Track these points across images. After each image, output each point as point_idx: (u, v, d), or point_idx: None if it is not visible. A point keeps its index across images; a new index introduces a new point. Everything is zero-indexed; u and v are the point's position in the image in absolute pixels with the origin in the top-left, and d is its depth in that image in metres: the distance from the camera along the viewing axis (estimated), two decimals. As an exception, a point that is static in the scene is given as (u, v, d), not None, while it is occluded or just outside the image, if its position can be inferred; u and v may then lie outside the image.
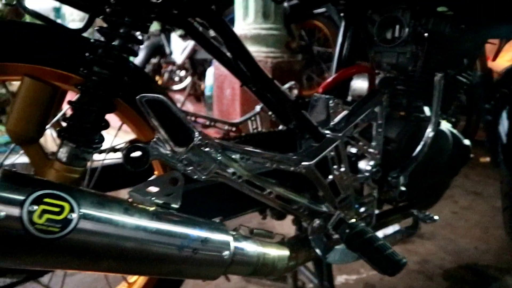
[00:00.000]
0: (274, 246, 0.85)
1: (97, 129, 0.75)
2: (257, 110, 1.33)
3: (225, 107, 2.46)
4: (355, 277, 1.64)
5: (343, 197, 0.96)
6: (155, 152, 0.72)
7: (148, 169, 0.95)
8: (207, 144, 0.76)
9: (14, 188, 0.54)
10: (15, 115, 0.70)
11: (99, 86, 0.73)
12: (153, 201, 0.69)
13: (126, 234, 0.61)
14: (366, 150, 0.98)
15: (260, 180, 0.83)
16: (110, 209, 0.61)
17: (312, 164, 0.88)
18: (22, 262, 0.56)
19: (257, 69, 0.94)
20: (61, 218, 0.55)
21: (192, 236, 0.68)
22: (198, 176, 0.75)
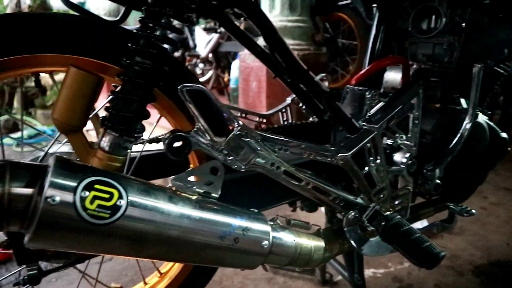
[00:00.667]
0: (310, 237, 0.85)
1: (139, 118, 0.76)
2: (288, 102, 1.33)
3: (251, 99, 2.46)
4: (383, 271, 1.63)
5: (378, 189, 0.95)
6: (196, 142, 0.73)
7: (184, 160, 0.96)
8: (247, 134, 0.76)
9: (67, 174, 0.55)
10: (61, 104, 0.72)
11: (141, 76, 0.74)
12: (195, 190, 0.70)
13: (171, 222, 0.62)
14: (402, 142, 0.97)
15: (297, 171, 0.83)
16: (156, 196, 0.62)
17: (349, 156, 0.88)
18: (73, 246, 0.58)
19: (293, 60, 0.94)
20: (111, 205, 0.57)
21: (233, 225, 0.69)
22: (238, 166, 0.76)
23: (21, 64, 0.73)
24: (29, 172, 0.54)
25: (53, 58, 0.74)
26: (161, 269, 1.02)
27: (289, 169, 0.81)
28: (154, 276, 1.03)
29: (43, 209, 0.52)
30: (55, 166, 0.55)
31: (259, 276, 1.60)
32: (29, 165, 0.56)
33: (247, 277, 1.59)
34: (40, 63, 0.75)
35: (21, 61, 0.72)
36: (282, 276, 1.59)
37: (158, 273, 1.02)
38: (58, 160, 0.56)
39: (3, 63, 0.70)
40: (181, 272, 0.98)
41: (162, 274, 1.01)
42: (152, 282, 1.01)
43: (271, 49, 0.92)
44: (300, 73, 0.96)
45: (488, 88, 1.17)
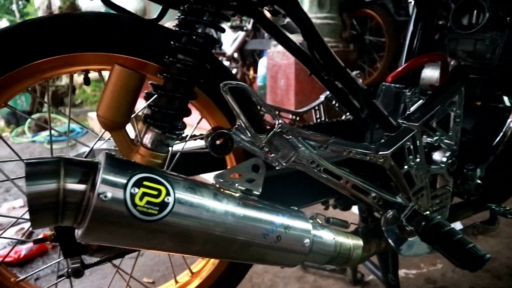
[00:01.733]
0: (349, 236, 0.84)
1: (180, 116, 0.77)
2: (321, 100, 1.32)
3: (279, 97, 2.45)
4: (415, 272, 1.60)
5: (418, 189, 0.93)
6: (238, 139, 0.73)
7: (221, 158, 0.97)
8: (288, 131, 0.76)
9: (117, 171, 0.56)
10: (106, 102, 0.73)
11: (183, 73, 0.74)
12: (237, 187, 0.70)
13: (216, 219, 0.62)
14: (442, 141, 0.94)
15: (337, 169, 0.82)
16: (201, 193, 0.62)
17: (389, 154, 0.86)
18: (123, 241, 0.59)
19: (331, 57, 0.93)
20: (159, 201, 0.57)
21: (276, 223, 0.69)
22: (278, 164, 0.75)
23: (68, 62, 0.75)
24: (81, 168, 0.56)
25: (96, 56, 0.76)
26: (193, 268, 1.03)
27: (328, 167, 0.80)
28: (185, 275, 1.04)
29: (95, 205, 0.53)
30: (105, 163, 0.56)
31: (289, 274, 1.59)
32: (81, 162, 0.57)
33: (277, 275, 1.59)
34: (84, 61, 0.77)
35: (68, 60, 0.74)
36: (312, 275, 1.58)
37: (190, 272, 1.03)
38: (108, 157, 0.57)
39: (52, 62, 0.72)
40: (214, 271, 0.99)
41: (193, 274, 1.02)
42: (183, 281, 1.02)
43: (310, 46, 0.91)
44: (337, 70, 0.95)
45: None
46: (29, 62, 0.71)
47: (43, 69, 0.73)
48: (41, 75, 0.75)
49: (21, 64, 0.70)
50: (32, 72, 0.73)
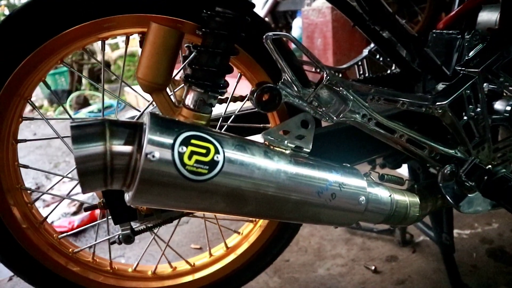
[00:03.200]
0: (405, 194, 0.80)
1: (222, 73, 0.73)
2: (365, 54, 1.24)
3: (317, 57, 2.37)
4: (469, 232, 1.53)
5: (478, 141, 0.86)
6: (286, 94, 0.69)
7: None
8: (337, 83, 0.70)
9: (163, 130, 0.54)
10: (145, 63, 0.70)
11: (223, 27, 0.70)
12: (287, 144, 0.67)
13: (268, 177, 0.59)
14: (506, 88, 0.86)
15: (390, 123, 0.76)
16: (251, 151, 0.59)
17: (447, 104, 0.79)
18: (173, 203, 0.57)
19: (379, 4, 0.86)
20: (208, 160, 0.55)
21: (330, 180, 0.65)
22: (329, 118, 0.71)
23: (97, 28, 0.72)
24: (126, 129, 0.53)
25: (128, 19, 0.73)
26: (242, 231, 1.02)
27: (382, 120, 0.75)
28: (234, 238, 1.03)
29: (144, 166, 0.51)
30: (151, 122, 0.53)
31: (336, 237, 1.57)
32: (126, 123, 0.55)
33: (324, 238, 1.57)
34: (119, 25, 0.74)
35: (96, 26, 0.71)
36: (360, 237, 1.55)
37: (238, 234, 1.02)
38: (153, 116, 0.55)
39: (84, 28, 0.70)
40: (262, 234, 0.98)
41: (243, 236, 1.01)
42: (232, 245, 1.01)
43: (355, -8, 0.84)
44: (386, 18, 0.88)
45: None
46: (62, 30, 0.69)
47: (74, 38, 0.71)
48: (73, 44, 0.73)
49: (50, 36, 0.68)
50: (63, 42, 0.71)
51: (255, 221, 0.98)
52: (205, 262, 0.99)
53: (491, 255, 1.40)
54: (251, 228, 1.00)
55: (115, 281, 0.90)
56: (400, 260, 1.41)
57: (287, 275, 1.39)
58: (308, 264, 1.44)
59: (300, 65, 0.82)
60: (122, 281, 0.91)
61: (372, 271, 1.36)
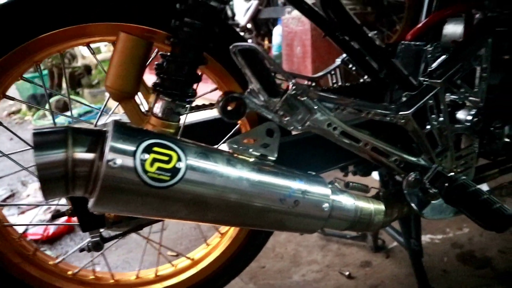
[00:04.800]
0: (370, 201, 0.82)
1: (190, 82, 0.74)
2: (338, 63, 1.27)
3: (296, 65, 2.40)
4: (441, 237, 1.57)
5: (441, 149, 0.89)
6: (251, 103, 0.70)
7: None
8: (303, 93, 0.72)
9: (126, 138, 0.55)
10: (113, 71, 0.71)
11: (191, 37, 0.71)
12: (251, 152, 0.68)
13: (230, 184, 0.61)
14: (467, 98, 0.90)
15: (355, 131, 0.79)
16: (214, 159, 0.60)
17: (410, 114, 0.82)
18: (135, 210, 0.58)
19: (346, 15, 0.89)
20: (170, 167, 0.56)
21: (293, 188, 0.67)
22: (294, 127, 0.73)
23: (71, 35, 0.73)
24: (89, 137, 0.54)
25: (101, 27, 0.74)
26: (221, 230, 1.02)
27: (347, 129, 0.77)
28: (215, 237, 1.04)
29: (105, 173, 0.52)
30: (114, 130, 0.54)
31: (312, 243, 1.59)
32: (89, 130, 0.56)
33: (301, 244, 1.59)
34: (89, 33, 0.75)
35: (71, 32, 0.72)
36: (335, 243, 1.57)
37: (219, 233, 1.03)
38: (116, 124, 0.56)
39: (55, 36, 0.70)
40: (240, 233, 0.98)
41: (222, 234, 1.01)
42: (214, 243, 1.02)
43: (323, 5, 0.86)
44: (353, 29, 0.90)
45: None
46: (34, 36, 0.69)
47: (49, 43, 0.72)
48: (48, 49, 0.74)
49: (26, 39, 0.69)
50: (39, 46, 0.71)
51: (223, 232, 0.99)
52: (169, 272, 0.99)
53: (461, 259, 1.44)
54: (219, 240, 1.01)
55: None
56: (374, 266, 1.44)
57: (262, 282, 1.40)
58: (284, 271, 1.45)
59: (270, 74, 0.84)
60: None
61: (346, 276, 1.38)
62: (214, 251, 1.00)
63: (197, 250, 1.03)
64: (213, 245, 1.00)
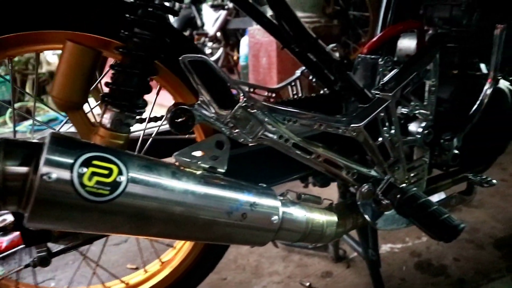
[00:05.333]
0: (322, 212, 0.82)
1: (140, 93, 0.73)
2: (297, 75, 1.28)
3: (262, 76, 2.41)
4: (400, 246, 1.60)
5: (393, 161, 0.91)
6: (199, 115, 0.70)
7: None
8: (253, 105, 0.72)
9: (64, 151, 0.53)
10: (59, 81, 0.69)
11: (141, 48, 0.70)
12: (199, 165, 0.67)
13: (175, 198, 0.59)
14: (418, 111, 0.92)
15: (307, 144, 0.79)
16: (158, 172, 0.59)
17: (362, 126, 0.83)
18: (74, 225, 0.56)
19: (301, 28, 0.90)
20: (110, 181, 0.54)
21: (240, 200, 0.66)
22: (244, 140, 0.72)
23: (21, 41, 0.70)
24: (24, 150, 0.52)
25: (52, 34, 0.72)
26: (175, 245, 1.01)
27: (298, 142, 0.77)
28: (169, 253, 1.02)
29: (39, 187, 0.50)
30: (50, 142, 0.52)
31: (274, 254, 1.58)
32: (24, 143, 0.54)
33: (263, 255, 1.58)
34: (40, 40, 0.72)
35: (20, 39, 0.70)
36: (297, 254, 1.57)
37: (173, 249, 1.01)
38: (54, 136, 0.54)
39: (11, 39, 0.68)
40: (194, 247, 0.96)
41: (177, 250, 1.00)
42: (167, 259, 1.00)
43: (278, 17, 0.87)
44: (309, 42, 0.92)
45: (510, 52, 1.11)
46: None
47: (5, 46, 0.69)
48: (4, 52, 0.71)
49: None
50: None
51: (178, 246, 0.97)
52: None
53: (419, 268, 1.47)
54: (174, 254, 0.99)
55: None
56: (335, 276, 1.44)
57: (223, 294, 1.38)
58: (245, 282, 1.44)
59: (223, 85, 0.84)
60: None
61: (306, 287, 1.38)
62: (167, 266, 0.98)
63: (151, 264, 1.01)
64: (167, 260, 0.98)
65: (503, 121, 1.06)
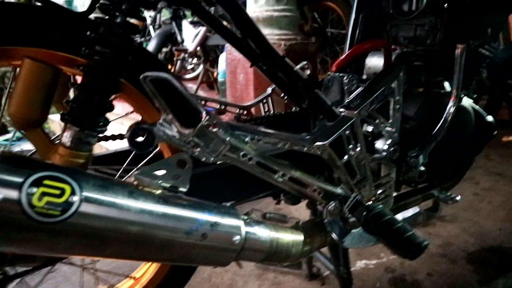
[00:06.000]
0: (288, 231, 0.82)
1: (102, 111, 0.72)
2: (269, 92, 1.29)
3: (239, 92, 2.42)
4: (375, 262, 1.60)
5: (360, 178, 0.92)
6: (161, 134, 0.69)
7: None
8: (216, 124, 0.72)
9: (13, 170, 0.51)
10: (17, 98, 0.68)
11: (102, 66, 0.70)
12: (160, 184, 0.67)
13: (131, 218, 0.58)
14: (383, 128, 0.93)
15: (272, 162, 0.79)
16: (114, 192, 0.58)
17: (327, 144, 0.84)
18: (22, 247, 0.54)
19: (268, 47, 0.90)
20: (61, 201, 0.53)
21: (200, 220, 0.65)
22: (206, 158, 0.72)
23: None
24: (-30, 169, 0.51)
25: (11, 51, 0.70)
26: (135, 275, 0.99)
27: (262, 160, 0.77)
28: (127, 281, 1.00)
29: (-16, 208, 0.48)
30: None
31: (249, 272, 1.57)
32: (-30, 163, 0.52)
33: (237, 273, 1.56)
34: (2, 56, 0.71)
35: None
36: (272, 272, 1.56)
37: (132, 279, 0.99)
38: (3, 155, 0.52)
39: None
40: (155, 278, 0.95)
41: (136, 280, 0.98)
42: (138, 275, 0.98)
43: (243, 36, 0.88)
44: (275, 60, 0.92)
45: (473, 70, 1.14)
46: None
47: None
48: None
49: None
50: None
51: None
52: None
53: (393, 284, 1.47)
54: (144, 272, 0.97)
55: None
56: (309, 294, 1.43)
57: (195, 314, 1.35)
58: (219, 301, 1.42)
59: (187, 103, 0.83)
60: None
61: (280, 305, 1.36)
62: (137, 284, 0.96)
63: (122, 283, 0.98)
64: (138, 277, 0.96)
65: (467, 137, 1.08)
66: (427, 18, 0.99)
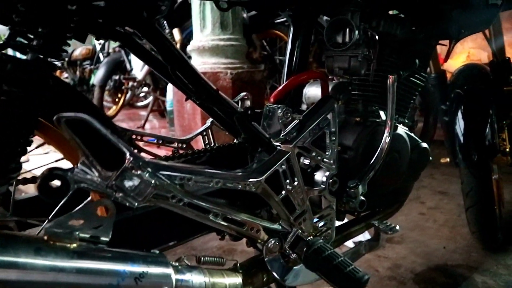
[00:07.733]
0: (224, 274, 0.77)
1: (11, 155, 0.66)
2: (208, 124, 1.26)
3: (186, 121, 2.37)
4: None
5: (299, 213, 0.89)
6: (78, 179, 0.63)
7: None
8: (141, 166, 0.67)
9: None
10: None
11: (9, 107, 0.64)
12: (77, 235, 0.61)
13: (35, 279, 0.52)
14: (320, 161, 0.92)
15: (204, 202, 0.75)
16: (15, 250, 0.52)
17: (262, 180, 0.81)
18: None
19: (199, 80, 0.88)
20: None
21: (123, 273, 0.60)
22: (130, 203, 0.67)
23: None
24: None
25: None
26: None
27: (193, 201, 0.73)
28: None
29: None
30: None
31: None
32: None
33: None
34: None
35: None
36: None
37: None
38: None
39: None
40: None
41: None
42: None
43: (172, 71, 0.85)
44: (208, 94, 0.90)
45: (406, 98, 1.17)
46: None
47: None
48: None
49: None
50: None
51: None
52: None
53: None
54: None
55: None
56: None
57: None
58: None
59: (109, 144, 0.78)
60: None
61: None
62: None
63: None
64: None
65: (404, 164, 1.09)
66: (359, 49, 1.01)
